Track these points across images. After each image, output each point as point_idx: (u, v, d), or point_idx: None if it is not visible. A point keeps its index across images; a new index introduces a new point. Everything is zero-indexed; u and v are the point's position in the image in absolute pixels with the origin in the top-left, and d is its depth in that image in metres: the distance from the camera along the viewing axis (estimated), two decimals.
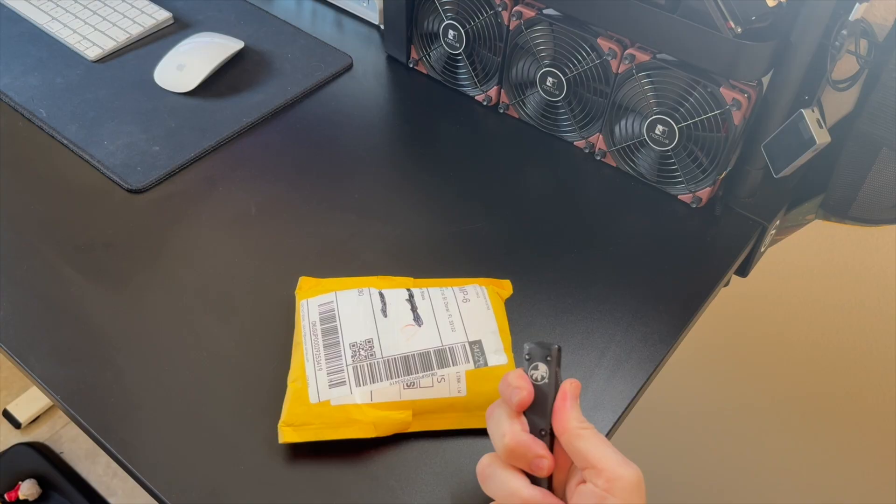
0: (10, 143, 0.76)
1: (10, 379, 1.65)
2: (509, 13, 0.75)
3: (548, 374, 0.47)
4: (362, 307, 0.59)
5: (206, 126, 0.78)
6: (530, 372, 0.47)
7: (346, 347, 0.56)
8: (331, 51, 0.89)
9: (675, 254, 0.70)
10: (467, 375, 0.56)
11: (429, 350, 0.56)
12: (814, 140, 0.64)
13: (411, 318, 0.58)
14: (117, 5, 0.91)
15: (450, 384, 0.55)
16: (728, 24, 0.62)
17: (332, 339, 0.57)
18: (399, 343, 0.56)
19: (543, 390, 0.47)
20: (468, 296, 0.60)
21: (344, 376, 0.55)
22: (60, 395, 0.57)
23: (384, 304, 0.59)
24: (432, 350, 0.56)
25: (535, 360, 0.48)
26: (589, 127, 0.77)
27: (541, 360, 0.48)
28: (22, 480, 1.46)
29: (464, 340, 0.57)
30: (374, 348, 0.56)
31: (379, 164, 0.77)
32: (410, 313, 0.58)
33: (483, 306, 0.60)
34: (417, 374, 0.55)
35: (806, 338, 0.96)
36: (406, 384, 0.55)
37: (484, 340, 0.57)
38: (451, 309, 0.59)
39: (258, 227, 0.70)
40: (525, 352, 0.48)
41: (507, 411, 0.47)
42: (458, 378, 0.55)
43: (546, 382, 0.47)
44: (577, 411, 0.46)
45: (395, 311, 0.58)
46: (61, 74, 0.84)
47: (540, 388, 0.47)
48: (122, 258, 0.67)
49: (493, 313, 0.60)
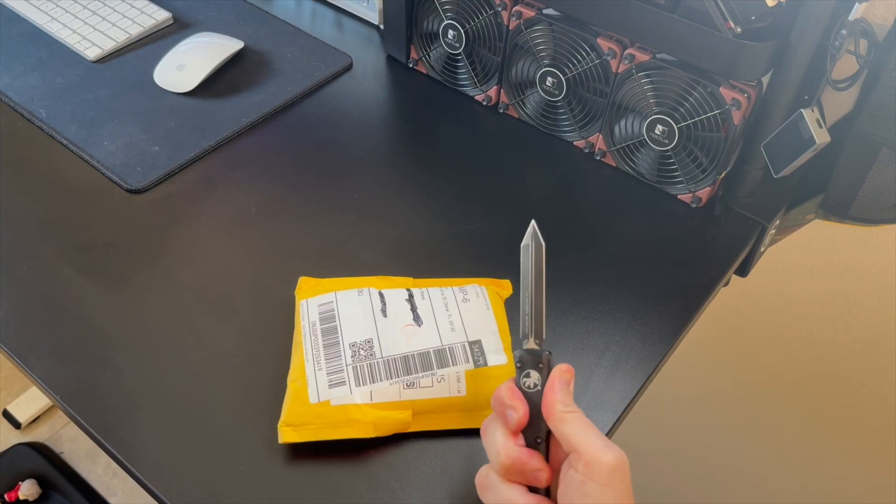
0: (9, 143, 0.76)
1: (10, 379, 1.65)
2: (509, 13, 0.75)
3: (540, 381, 0.47)
4: (362, 307, 0.58)
5: (205, 126, 0.78)
6: (522, 380, 0.47)
7: (346, 347, 0.56)
8: (330, 51, 0.89)
9: (675, 254, 0.70)
10: (467, 375, 0.56)
11: (428, 350, 0.56)
12: (813, 140, 0.64)
13: (411, 318, 0.58)
14: (117, 5, 0.91)
15: (449, 384, 0.55)
16: (728, 24, 0.62)
17: (331, 339, 0.57)
18: (399, 343, 0.56)
19: (536, 398, 0.46)
20: (468, 296, 0.60)
21: (344, 376, 0.55)
22: (60, 395, 0.57)
23: (384, 304, 0.59)
24: (432, 350, 0.56)
25: (526, 368, 0.47)
26: (589, 127, 0.77)
27: (532, 368, 0.47)
28: (22, 480, 1.46)
29: (463, 340, 0.57)
30: (374, 348, 0.56)
31: (379, 164, 0.77)
32: (410, 313, 0.58)
33: (483, 306, 0.60)
34: (417, 374, 0.55)
35: (806, 337, 0.96)
36: (406, 384, 0.55)
37: (484, 340, 0.57)
38: (450, 309, 0.59)
39: (258, 227, 0.70)
40: (516, 359, 0.48)
41: (501, 428, 0.46)
42: (457, 378, 0.55)
43: (539, 390, 0.47)
44: (564, 395, 0.46)
45: (395, 310, 0.58)
46: (61, 74, 0.84)
47: (533, 396, 0.47)
48: (122, 258, 0.67)
49: (493, 313, 0.60)
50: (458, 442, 0.56)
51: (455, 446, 0.56)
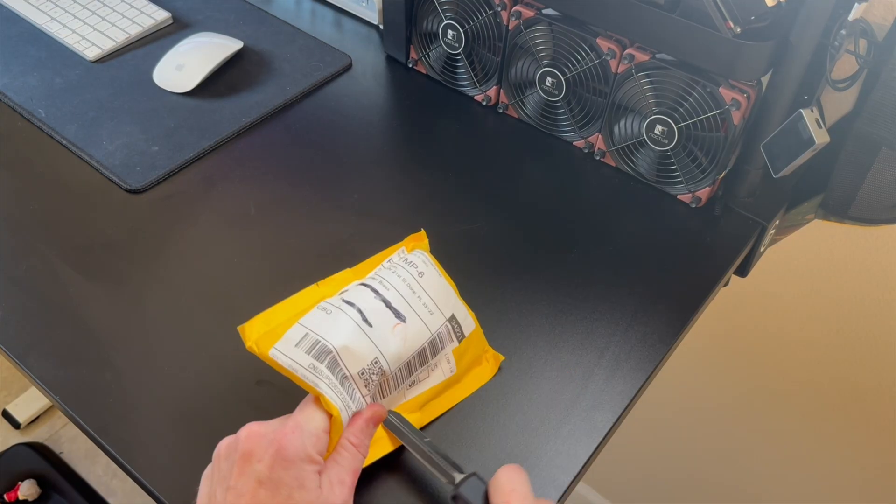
0: (9, 143, 0.76)
1: (10, 379, 1.65)
2: (508, 13, 0.75)
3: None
4: (343, 326, 0.51)
5: (205, 126, 0.78)
6: None
7: (356, 378, 0.51)
8: (330, 51, 0.89)
9: (675, 254, 0.70)
10: (454, 354, 0.56)
11: (424, 345, 0.54)
12: (813, 140, 0.64)
13: (393, 316, 0.53)
14: (116, 5, 0.91)
15: (442, 368, 0.56)
16: (727, 24, 0.62)
17: (339, 372, 0.50)
18: (398, 348, 0.53)
19: None
20: (419, 268, 0.56)
21: (364, 402, 0.52)
22: (59, 396, 0.57)
23: (360, 311, 0.52)
24: (426, 344, 0.54)
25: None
26: (588, 127, 0.77)
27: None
28: (21, 481, 1.46)
29: (443, 320, 0.55)
30: (381, 365, 0.52)
31: (379, 164, 0.77)
32: (389, 311, 0.53)
33: (435, 274, 0.56)
34: (417, 372, 0.55)
35: (805, 338, 0.96)
36: (409, 384, 0.55)
37: (456, 312, 0.56)
38: (415, 290, 0.55)
39: (258, 227, 0.70)
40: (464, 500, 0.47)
41: None
42: (447, 360, 0.56)
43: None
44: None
45: (375, 315, 0.52)
46: (60, 74, 0.84)
47: None
48: (121, 258, 0.67)
49: (445, 278, 0.57)
50: (458, 444, 0.56)
51: (455, 453, 0.56)
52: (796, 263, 0.90)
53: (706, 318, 0.69)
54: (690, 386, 1.17)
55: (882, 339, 0.89)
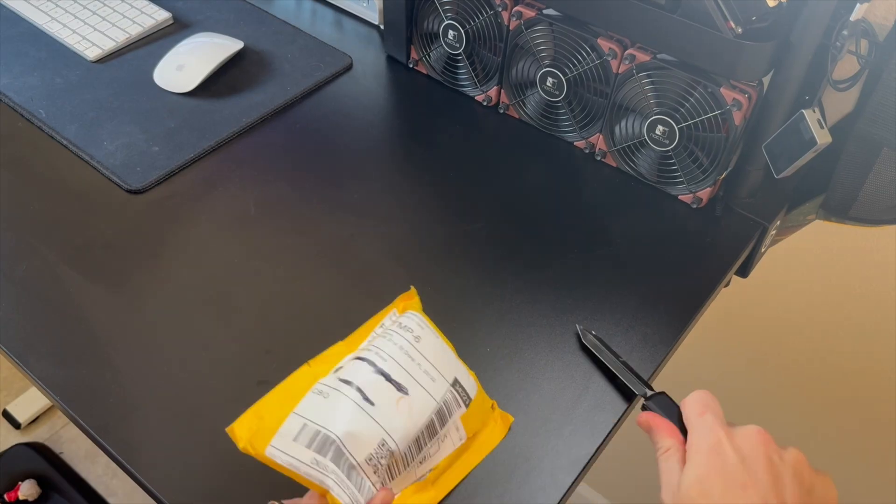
0: (9, 143, 0.76)
1: (10, 379, 1.65)
2: (509, 13, 0.75)
3: None
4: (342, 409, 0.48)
5: (205, 126, 0.78)
6: None
7: (364, 466, 0.48)
8: (330, 51, 0.89)
9: (676, 254, 0.70)
10: (462, 420, 0.53)
11: (431, 416, 0.51)
12: (815, 140, 0.64)
13: (395, 390, 0.50)
14: (117, 5, 0.91)
15: (452, 438, 0.53)
16: (728, 25, 0.62)
17: (344, 462, 0.47)
18: (405, 424, 0.49)
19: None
20: (415, 332, 0.53)
21: (373, 490, 0.49)
22: (60, 396, 0.57)
23: (359, 391, 0.49)
24: (434, 414, 0.51)
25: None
26: (589, 127, 0.77)
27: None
28: (22, 481, 1.46)
29: (447, 386, 0.52)
30: (388, 446, 0.48)
31: (379, 164, 0.77)
32: (390, 384, 0.50)
33: (431, 335, 0.54)
34: (427, 447, 0.51)
35: (806, 338, 0.96)
36: (420, 461, 0.51)
37: (458, 375, 0.53)
38: (414, 357, 0.52)
39: (258, 227, 0.70)
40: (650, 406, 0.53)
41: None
42: (456, 427, 0.53)
43: None
44: None
45: (375, 391, 0.49)
46: (61, 75, 0.84)
47: None
48: (121, 258, 0.67)
49: (441, 338, 0.55)
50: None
51: None
52: (797, 264, 0.90)
53: (707, 318, 0.69)
54: (691, 386, 1.16)
55: (883, 339, 0.89)
